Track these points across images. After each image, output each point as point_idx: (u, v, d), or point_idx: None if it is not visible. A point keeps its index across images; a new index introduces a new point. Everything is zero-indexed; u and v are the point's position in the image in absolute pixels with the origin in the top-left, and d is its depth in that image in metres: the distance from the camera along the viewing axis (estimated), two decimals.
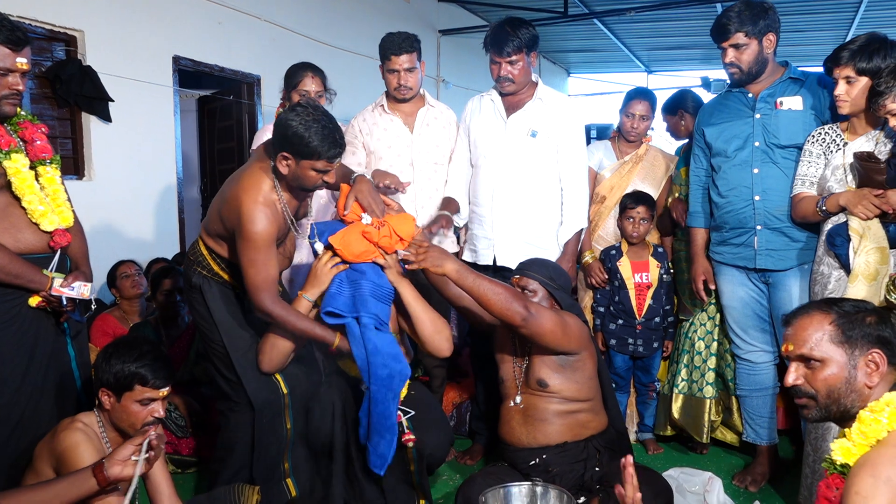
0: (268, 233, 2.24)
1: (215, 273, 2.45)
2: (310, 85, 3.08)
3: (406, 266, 2.37)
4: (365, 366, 2.32)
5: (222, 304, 2.45)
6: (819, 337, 1.54)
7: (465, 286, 2.32)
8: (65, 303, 2.17)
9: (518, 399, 2.51)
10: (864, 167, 2.34)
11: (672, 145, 4.23)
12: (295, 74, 3.11)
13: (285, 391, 2.49)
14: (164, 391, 2.00)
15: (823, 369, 1.53)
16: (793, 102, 2.71)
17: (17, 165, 2.11)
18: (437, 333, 2.52)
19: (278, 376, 2.49)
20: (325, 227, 2.50)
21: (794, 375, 1.57)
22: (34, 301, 2.14)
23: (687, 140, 3.81)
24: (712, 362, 3.14)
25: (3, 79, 2.07)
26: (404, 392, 2.63)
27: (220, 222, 2.36)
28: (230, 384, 2.46)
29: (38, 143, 2.22)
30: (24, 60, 2.09)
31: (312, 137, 2.17)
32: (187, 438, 3.21)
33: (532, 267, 2.59)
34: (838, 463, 1.48)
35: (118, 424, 2.00)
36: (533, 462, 2.46)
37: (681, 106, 3.66)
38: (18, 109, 2.19)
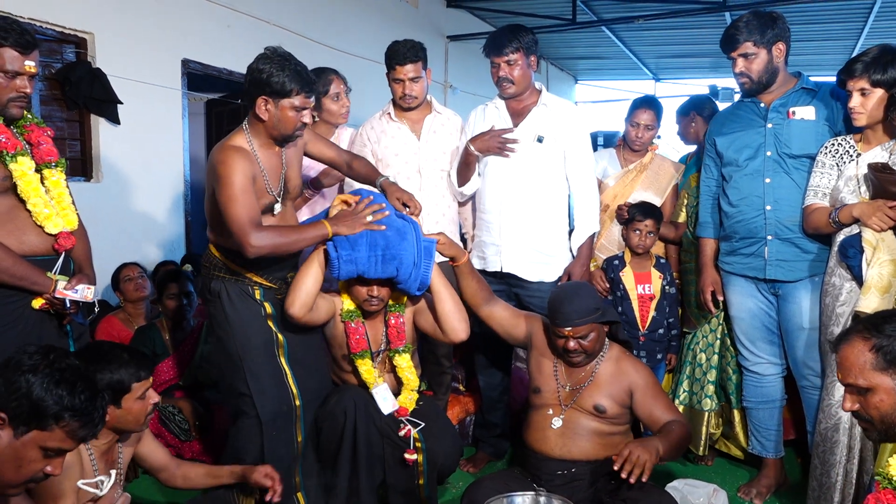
0: (242, 171, 2.23)
1: (232, 271, 2.43)
2: (339, 86, 3.12)
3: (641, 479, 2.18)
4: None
5: (240, 308, 2.43)
6: (862, 365, 1.52)
7: (667, 456, 2.27)
8: (68, 305, 2.17)
9: (560, 419, 2.46)
10: (879, 178, 2.31)
11: (678, 153, 4.21)
12: (321, 79, 3.10)
13: (298, 403, 2.47)
14: (150, 378, 2.05)
15: (873, 396, 1.52)
16: (805, 112, 2.68)
17: (23, 168, 2.12)
18: (456, 311, 2.57)
19: (293, 388, 2.46)
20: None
21: (849, 403, 1.57)
22: (37, 303, 2.14)
23: (695, 147, 3.79)
24: (712, 375, 3.12)
25: (11, 81, 2.08)
26: (412, 405, 2.64)
27: (211, 202, 2.34)
28: (242, 398, 2.44)
29: (44, 146, 2.23)
30: (32, 63, 2.10)
31: (288, 74, 2.26)
32: (190, 442, 3.21)
33: (579, 312, 2.42)
34: (895, 480, 1.49)
35: (123, 427, 2.02)
36: (560, 473, 2.43)
37: (694, 108, 3.63)
38: (25, 112, 2.20)
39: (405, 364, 2.65)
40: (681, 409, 3.17)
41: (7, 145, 2.10)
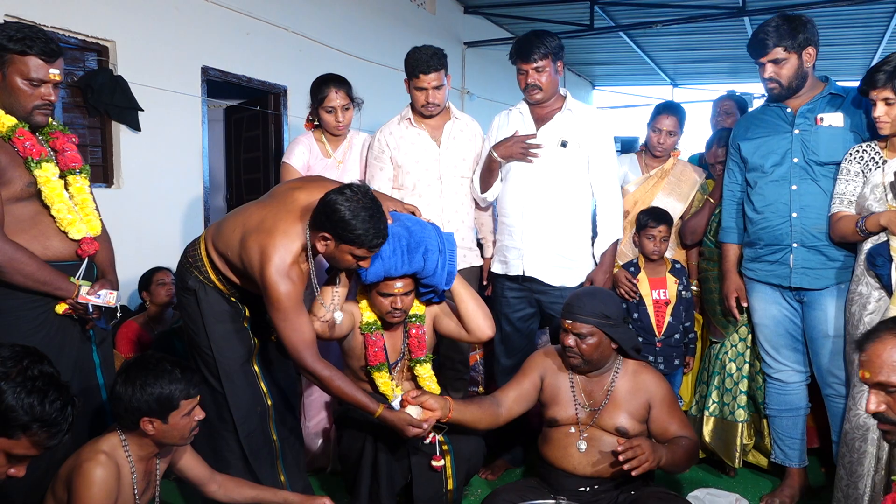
0: (295, 293, 2.20)
1: (212, 281, 2.42)
2: (335, 100, 3.08)
3: (632, 472, 2.20)
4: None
5: (216, 312, 2.42)
6: (895, 362, 1.47)
7: (669, 466, 2.30)
8: (91, 310, 2.19)
9: (584, 442, 2.43)
10: None
11: (689, 154, 4.17)
12: (319, 90, 3.10)
13: (269, 403, 2.49)
14: (199, 395, 2.04)
15: None
16: (833, 119, 2.63)
17: (48, 174, 2.14)
18: (479, 309, 2.58)
19: (264, 388, 2.48)
20: None
21: (874, 403, 1.51)
22: (61, 308, 2.16)
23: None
24: (744, 385, 3.05)
25: (36, 89, 2.10)
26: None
27: (236, 254, 2.32)
28: (214, 395, 2.44)
29: (69, 152, 2.25)
30: (57, 72, 2.12)
31: (359, 226, 2.12)
32: None
33: (583, 308, 2.40)
34: None
35: (167, 441, 2.02)
36: (582, 489, 2.41)
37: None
38: (50, 119, 2.22)
39: (426, 374, 2.66)
40: (711, 421, 3.13)
41: (32, 151, 2.12)
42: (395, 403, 2.58)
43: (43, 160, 2.13)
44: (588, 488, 2.41)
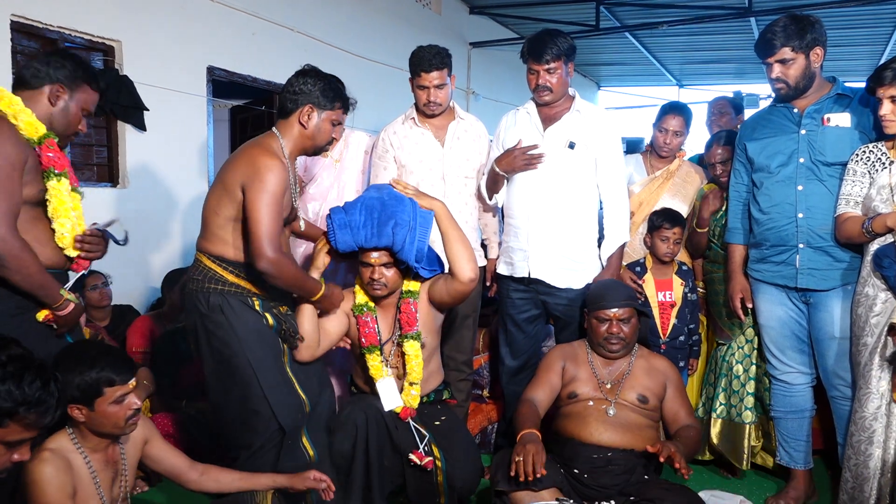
0: (282, 180, 2.26)
1: (231, 283, 2.34)
2: None
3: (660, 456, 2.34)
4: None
5: (246, 320, 2.35)
6: None
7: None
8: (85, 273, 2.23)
9: (612, 409, 2.56)
10: None
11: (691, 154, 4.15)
12: None
13: (307, 410, 2.47)
14: (132, 383, 1.99)
15: None
16: (840, 119, 2.62)
17: (61, 189, 2.15)
18: (464, 250, 2.60)
19: (302, 395, 2.45)
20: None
21: None
22: (41, 315, 2.13)
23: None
24: (751, 386, 3.05)
25: (83, 120, 2.23)
26: (415, 401, 2.63)
27: (225, 201, 2.30)
28: (255, 416, 2.37)
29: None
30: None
31: (334, 88, 2.40)
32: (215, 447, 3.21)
33: (619, 294, 2.68)
34: None
35: (100, 430, 1.97)
36: (596, 456, 2.48)
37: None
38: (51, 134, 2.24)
39: (412, 351, 2.60)
40: (719, 423, 3.12)
41: (55, 163, 2.13)
42: (382, 385, 2.61)
43: (63, 174, 2.16)
44: (600, 455, 2.47)
